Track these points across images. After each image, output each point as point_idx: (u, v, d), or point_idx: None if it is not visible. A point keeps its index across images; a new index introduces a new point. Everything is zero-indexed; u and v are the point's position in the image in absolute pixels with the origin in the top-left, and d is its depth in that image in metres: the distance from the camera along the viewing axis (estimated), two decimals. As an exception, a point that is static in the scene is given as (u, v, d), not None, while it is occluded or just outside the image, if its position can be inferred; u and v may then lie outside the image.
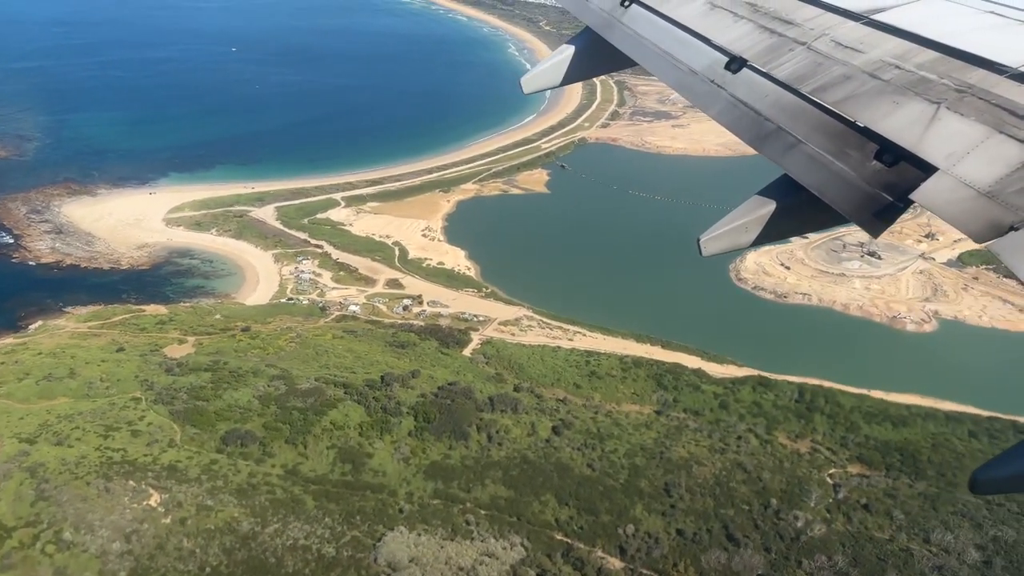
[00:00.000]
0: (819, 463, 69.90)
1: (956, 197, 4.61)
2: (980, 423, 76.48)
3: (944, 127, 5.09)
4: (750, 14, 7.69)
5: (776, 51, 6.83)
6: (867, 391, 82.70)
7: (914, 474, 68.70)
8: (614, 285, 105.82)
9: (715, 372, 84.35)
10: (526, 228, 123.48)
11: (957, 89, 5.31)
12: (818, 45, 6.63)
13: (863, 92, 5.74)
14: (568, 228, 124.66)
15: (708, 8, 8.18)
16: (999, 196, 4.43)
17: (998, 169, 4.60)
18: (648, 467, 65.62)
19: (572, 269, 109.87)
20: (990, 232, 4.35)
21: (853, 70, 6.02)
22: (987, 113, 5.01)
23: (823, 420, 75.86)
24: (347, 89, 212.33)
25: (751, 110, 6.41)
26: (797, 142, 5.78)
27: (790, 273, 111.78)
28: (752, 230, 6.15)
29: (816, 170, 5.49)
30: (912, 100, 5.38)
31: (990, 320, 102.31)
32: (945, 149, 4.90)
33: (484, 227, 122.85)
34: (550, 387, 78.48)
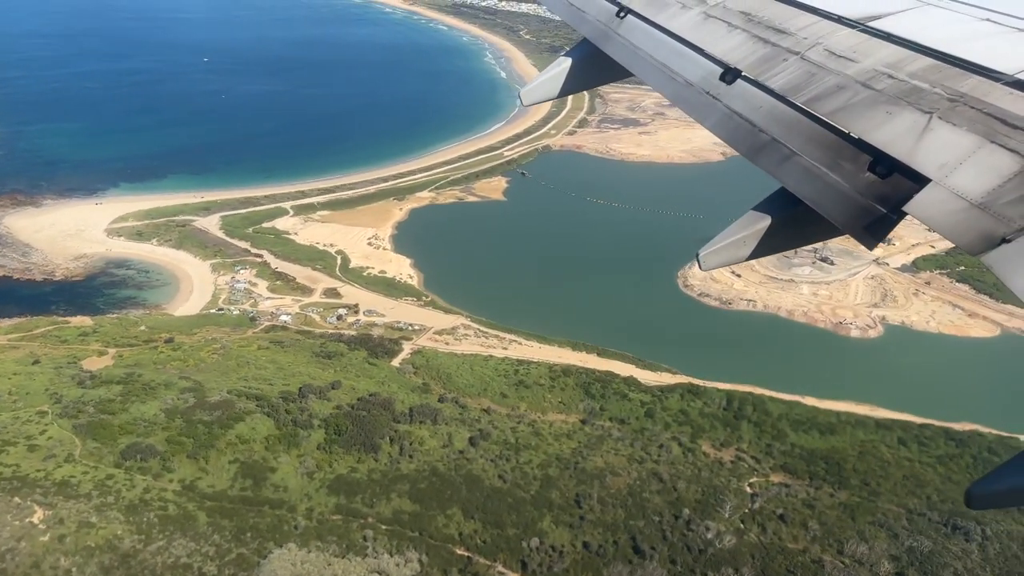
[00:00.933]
0: (741, 472, 68.54)
1: (949, 209, 4.53)
2: (911, 430, 75.26)
3: (936, 137, 5.02)
4: (744, 24, 7.59)
5: (770, 61, 6.74)
6: (801, 398, 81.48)
7: (837, 483, 67.38)
8: (560, 293, 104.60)
9: (648, 380, 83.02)
10: (477, 236, 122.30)
11: (950, 98, 5.25)
12: (811, 55, 6.53)
13: (856, 102, 5.71)
14: (520, 236, 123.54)
15: (703, 18, 8.09)
16: (991, 207, 4.36)
17: (990, 180, 4.52)
18: (561, 478, 64.15)
19: (519, 277, 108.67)
20: (982, 244, 4.27)
21: (846, 80, 5.98)
22: (979, 122, 4.94)
23: (750, 428, 74.55)
24: (316, 98, 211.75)
25: (746, 121, 6.34)
26: (792, 154, 5.72)
27: (738, 280, 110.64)
28: (749, 244, 6.10)
29: (811, 182, 5.43)
30: (905, 110, 5.34)
31: (938, 325, 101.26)
32: (937, 160, 4.83)
33: (434, 235, 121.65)
34: (476, 397, 77.03)
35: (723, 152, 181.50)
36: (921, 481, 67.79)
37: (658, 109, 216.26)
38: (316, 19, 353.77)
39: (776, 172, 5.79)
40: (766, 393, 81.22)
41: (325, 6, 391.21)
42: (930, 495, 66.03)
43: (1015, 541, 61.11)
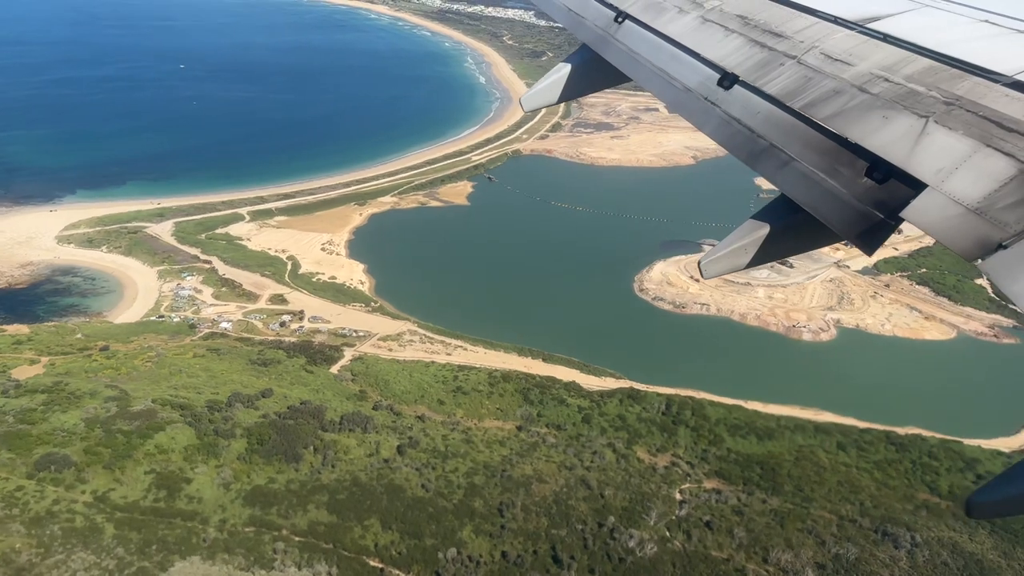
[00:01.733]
0: (673, 478, 67.44)
1: (945, 215, 4.49)
2: (850, 434, 74.28)
3: (932, 142, 4.96)
4: (741, 27, 7.48)
5: (767, 66, 6.67)
6: (744, 403, 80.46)
7: (771, 489, 66.34)
8: (515, 298, 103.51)
9: (591, 385, 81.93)
10: (436, 241, 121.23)
11: (946, 101, 5.20)
12: (808, 59, 6.47)
13: (852, 107, 5.66)
14: (480, 241, 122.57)
15: (700, 22, 7.98)
16: (987, 212, 4.33)
17: (986, 184, 4.47)
18: (487, 486, 62.95)
19: (475, 282, 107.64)
20: (979, 250, 4.23)
21: (843, 84, 5.93)
22: (975, 126, 4.88)
23: (687, 433, 73.51)
24: (290, 104, 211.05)
25: (744, 127, 6.29)
26: (790, 159, 5.68)
27: (695, 283, 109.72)
28: (749, 252, 6.05)
29: (809, 188, 5.40)
30: (901, 114, 5.29)
31: (892, 328, 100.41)
32: (934, 165, 4.77)
33: (392, 241, 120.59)
34: (412, 404, 75.84)
35: (693, 156, 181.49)
36: (856, 487, 66.73)
37: (633, 113, 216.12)
38: (300, 25, 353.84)
39: (775, 178, 5.74)
40: (709, 397, 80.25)
41: (310, 13, 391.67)
42: (864, 501, 64.97)
43: (945, 548, 60.07)
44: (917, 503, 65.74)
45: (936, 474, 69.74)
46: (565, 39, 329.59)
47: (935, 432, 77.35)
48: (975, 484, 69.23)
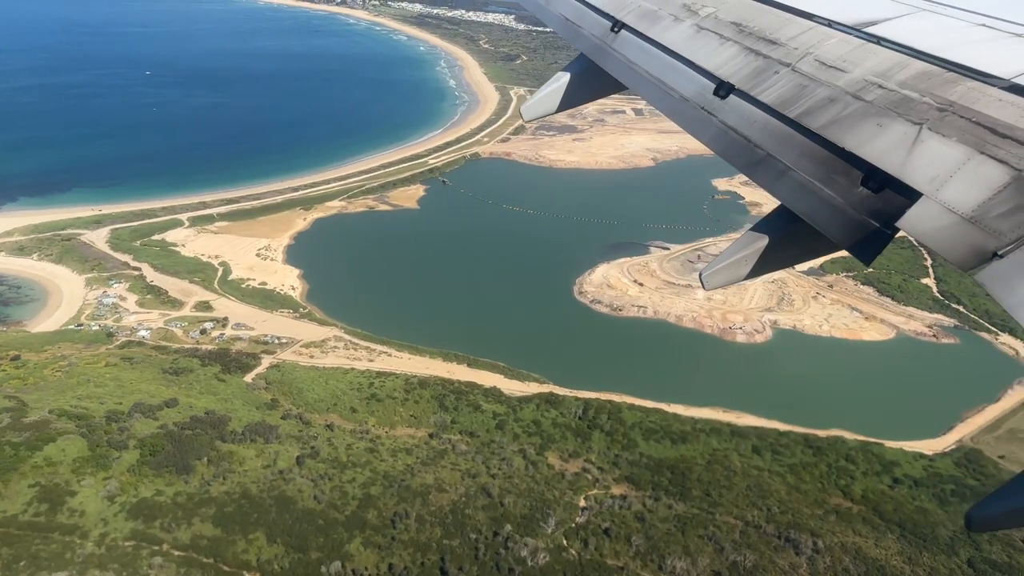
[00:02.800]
0: (581, 484, 66.05)
1: (940, 224, 4.45)
2: (767, 437, 73.09)
3: (926, 150, 4.91)
4: (735, 35, 7.41)
5: (762, 74, 6.65)
6: (667, 406, 79.21)
7: (679, 494, 65.04)
8: (450, 302, 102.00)
9: (513, 390, 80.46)
10: (378, 245, 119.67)
11: (939, 107, 5.15)
12: (802, 66, 6.44)
13: (847, 115, 5.60)
14: (423, 244, 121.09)
15: (695, 31, 7.90)
16: (982, 221, 4.31)
17: (980, 192, 4.45)
18: (382, 497, 61.42)
19: (412, 286, 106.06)
20: (974, 259, 4.21)
21: (837, 92, 5.91)
22: (968, 132, 4.82)
23: (601, 438, 72.19)
24: (253, 110, 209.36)
25: (741, 137, 6.28)
26: (787, 169, 5.66)
27: (635, 286, 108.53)
28: (749, 262, 6.01)
29: (806, 198, 5.38)
30: (895, 122, 5.24)
31: (830, 329, 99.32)
32: (928, 173, 4.74)
33: (333, 245, 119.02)
34: (324, 413, 74.24)
35: (653, 158, 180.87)
36: (765, 491, 65.44)
37: (599, 116, 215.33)
38: (276, 31, 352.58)
39: (772, 188, 5.71)
40: (630, 401, 78.97)
41: (288, 18, 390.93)
42: (771, 506, 63.70)
43: (848, 554, 58.83)
44: (828, 508, 64.50)
45: (851, 478, 68.54)
46: (541, 42, 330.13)
47: (859, 434, 76.23)
48: (890, 488, 68.19)
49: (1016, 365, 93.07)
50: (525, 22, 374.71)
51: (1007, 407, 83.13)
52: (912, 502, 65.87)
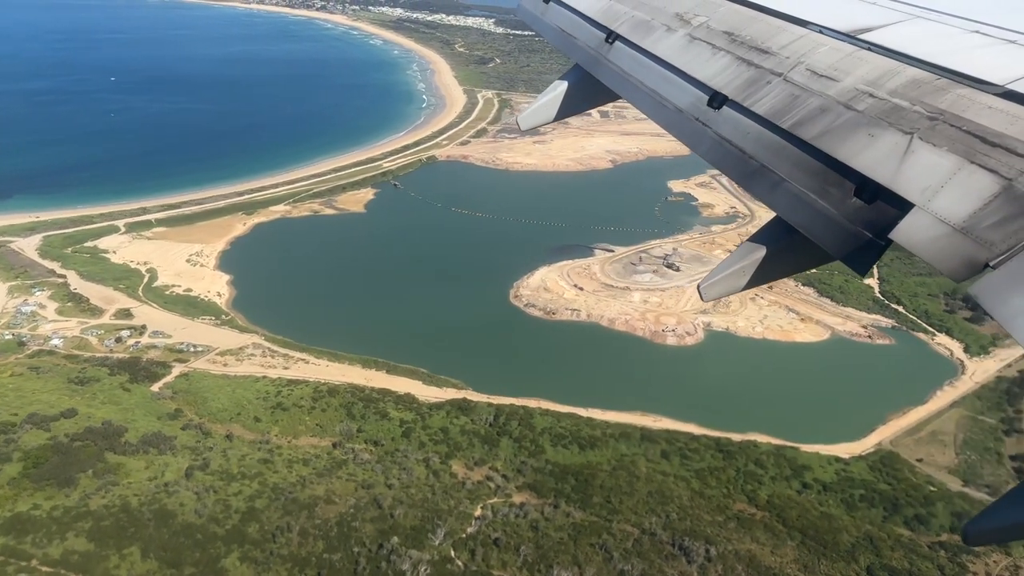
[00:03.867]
0: (481, 493, 64.50)
1: (932, 235, 4.47)
2: (677, 442, 71.75)
3: (917, 160, 4.90)
4: (727, 45, 7.35)
5: (754, 84, 6.60)
6: (584, 410, 77.77)
7: (580, 501, 63.57)
8: (383, 307, 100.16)
9: (428, 396, 78.86)
10: (317, 250, 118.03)
11: (929, 116, 5.14)
12: (794, 76, 6.39)
13: (839, 126, 5.59)
14: (363, 249, 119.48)
15: (688, 41, 7.83)
16: (973, 231, 4.30)
17: (971, 203, 4.44)
18: (267, 510, 59.73)
19: (345, 291, 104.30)
20: (967, 270, 4.21)
21: (829, 101, 5.87)
22: (959, 141, 4.81)
23: (509, 444, 70.68)
24: (220, 114, 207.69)
25: (736, 148, 6.24)
26: (781, 180, 5.67)
27: (572, 289, 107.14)
28: (747, 273, 6.06)
29: (801, 209, 5.39)
30: (886, 132, 5.24)
31: (764, 331, 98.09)
32: (919, 184, 4.76)
33: (270, 250, 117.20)
34: (226, 423, 72.44)
35: (612, 160, 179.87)
36: (666, 497, 64.03)
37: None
38: (252, 36, 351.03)
39: (768, 199, 5.73)
40: (548, 406, 77.54)
41: (266, 24, 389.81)
42: (671, 512, 62.29)
43: (742, 561, 57.45)
44: (730, 514, 63.13)
45: (759, 483, 67.19)
46: (516, 46, 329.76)
47: (778, 438, 75.01)
48: (798, 493, 66.87)
49: (950, 366, 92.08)
50: (504, 26, 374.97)
51: (933, 409, 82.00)
52: (818, 508, 64.53)
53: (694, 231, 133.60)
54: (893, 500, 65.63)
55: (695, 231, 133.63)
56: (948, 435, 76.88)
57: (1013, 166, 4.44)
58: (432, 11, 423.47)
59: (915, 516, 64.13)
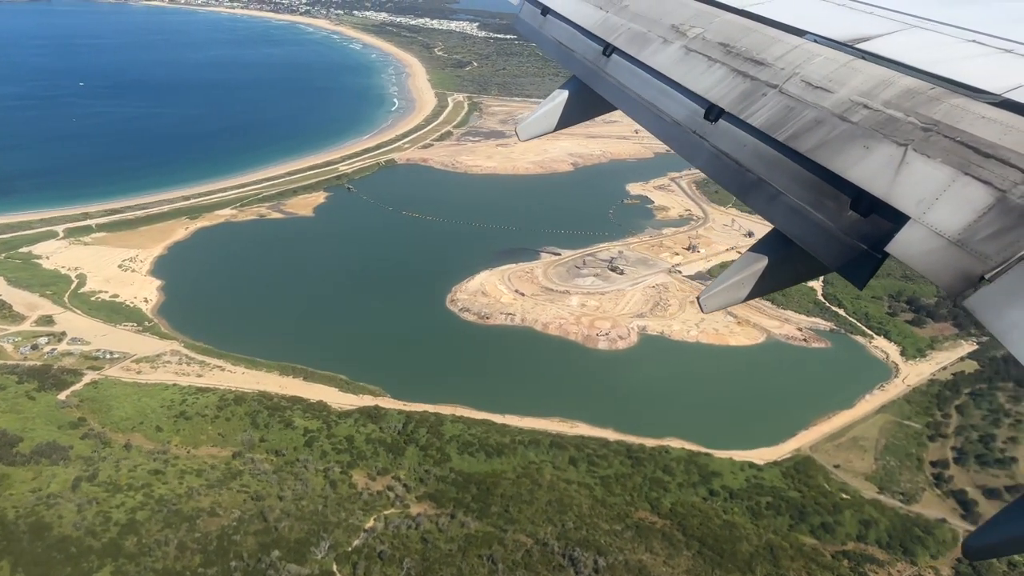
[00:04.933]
0: (378, 504, 62.92)
1: (928, 248, 4.47)
2: (586, 448, 70.30)
3: (912, 172, 4.89)
4: (723, 57, 7.32)
5: (750, 97, 6.59)
6: (500, 416, 76.29)
7: (479, 511, 62.05)
8: (313, 312, 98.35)
9: (343, 403, 77.29)
10: (255, 255, 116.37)
11: (924, 127, 5.13)
12: (789, 87, 6.38)
13: (834, 138, 5.57)
14: (304, 253, 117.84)
15: (683, 53, 7.77)
16: (968, 244, 4.30)
17: (966, 215, 4.45)
18: (148, 522, 58.09)
19: (277, 297, 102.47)
20: (962, 283, 4.19)
21: (824, 113, 5.87)
22: (953, 153, 4.79)
23: (415, 453, 69.11)
24: (186, 119, 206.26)
25: (733, 161, 6.24)
26: (778, 193, 5.69)
27: (511, 293, 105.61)
28: (747, 285, 6.07)
29: (798, 221, 5.42)
30: (880, 143, 5.24)
31: (698, 334, 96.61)
32: (914, 196, 4.76)
33: (207, 255, 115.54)
34: (128, 432, 70.74)
35: (573, 163, 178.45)
36: (566, 506, 62.48)
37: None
38: (232, 41, 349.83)
39: (765, 212, 5.73)
40: (464, 412, 76.08)
41: (248, 28, 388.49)
42: (568, 522, 60.72)
43: (631, 572, 55.91)
44: (630, 522, 61.62)
45: (665, 490, 65.71)
46: (495, 49, 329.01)
47: (694, 443, 73.61)
48: (704, 501, 65.37)
49: (884, 369, 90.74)
50: (487, 29, 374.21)
51: (859, 414, 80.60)
52: (722, 516, 63.02)
53: (645, 234, 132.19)
54: (800, 508, 64.14)
55: (646, 234, 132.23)
56: (870, 440, 75.47)
57: (1007, 177, 4.40)
58: (417, 15, 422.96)
59: (822, 524, 62.66)
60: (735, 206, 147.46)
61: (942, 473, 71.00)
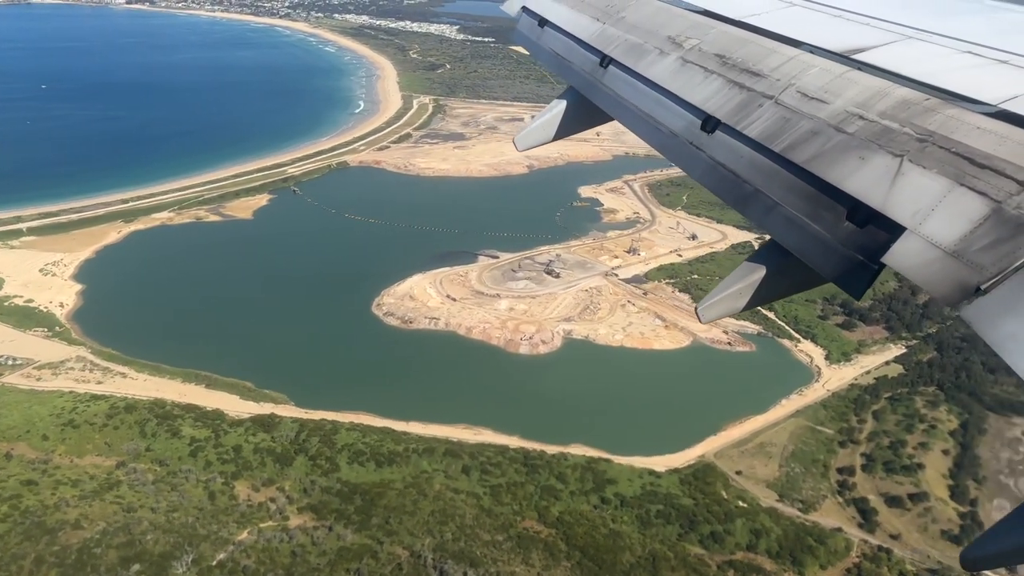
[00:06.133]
0: (256, 516, 61.17)
1: (924, 259, 4.50)
2: (481, 456, 68.71)
3: (908, 183, 4.91)
4: (719, 67, 7.31)
5: (746, 108, 6.55)
6: (404, 424, 74.64)
7: (360, 523, 60.38)
8: (232, 317, 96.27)
9: (240, 411, 75.42)
10: (186, 259, 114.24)
11: (919, 138, 5.12)
12: (785, 98, 6.35)
13: (829, 148, 5.57)
14: (235, 258, 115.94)
15: (680, 64, 7.74)
16: (964, 255, 4.33)
17: (961, 226, 4.47)
18: (9, 535, 56.32)
19: (199, 302, 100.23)
20: (958, 294, 4.21)
21: (820, 124, 5.86)
22: (948, 163, 4.82)
23: (304, 463, 67.38)
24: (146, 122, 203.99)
25: (730, 172, 6.27)
26: (775, 204, 5.73)
27: (439, 297, 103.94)
28: (745, 295, 6.08)
29: (795, 233, 5.49)
30: (876, 154, 5.23)
31: (623, 338, 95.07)
32: (910, 207, 4.79)
33: (136, 259, 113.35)
34: (13, 440, 68.79)
35: (528, 166, 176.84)
36: (449, 516, 60.83)
37: (494, 124, 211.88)
38: (207, 43, 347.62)
39: (763, 223, 5.76)
40: (364, 420, 74.37)
41: (225, 31, 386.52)
42: (447, 533, 59.02)
43: (504, 584, 54.24)
44: (513, 532, 60.00)
45: (556, 498, 64.13)
46: (470, 52, 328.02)
47: (599, 449, 72.19)
48: (594, 509, 63.78)
49: (807, 373, 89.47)
50: (467, 32, 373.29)
51: (772, 419, 79.23)
52: (609, 525, 61.48)
53: (588, 236, 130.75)
54: (691, 516, 62.61)
55: (589, 236, 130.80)
56: (778, 447, 74.08)
57: (1002, 188, 4.42)
58: (399, 18, 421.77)
59: (711, 533, 61.16)
60: (683, 208, 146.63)
61: (847, 480, 69.63)
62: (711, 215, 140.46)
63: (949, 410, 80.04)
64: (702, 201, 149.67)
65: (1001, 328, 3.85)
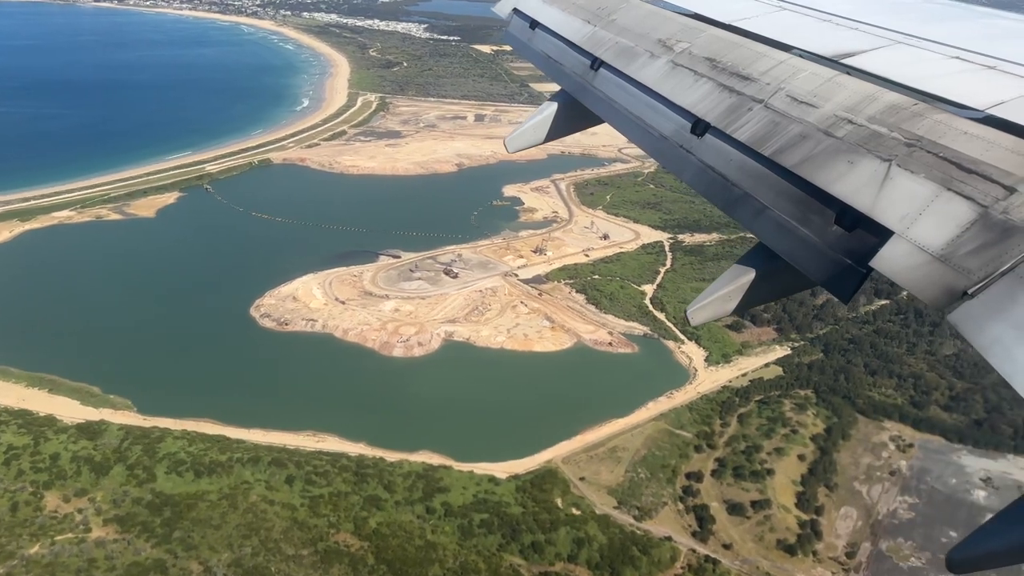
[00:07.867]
0: (56, 528, 58.59)
1: (912, 263, 4.48)
2: (307, 465, 66.17)
3: (896, 187, 4.91)
4: (709, 71, 7.27)
5: (736, 111, 6.54)
6: (246, 431, 71.98)
7: (163, 536, 57.66)
8: (105, 319, 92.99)
9: (76, 418, 72.31)
10: (74, 259, 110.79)
11: (907, 143, 5.09)
12: (774, 102, 6.36)
13: (818, 153, 5.56)
14: (126, 257, 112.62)
15: (670, 68, 7.74)
16: (951, 259, 4.32)
17: (948, 230, 4.45)
18: None
19: (77, 303, 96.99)
20: (946, 298, 4.22)
21: (809, 128, 5.84)
22: (936, 168, 4.82)
23: (121, 472, 64.66)
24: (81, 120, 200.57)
25: (719, 175, 6.26)
26: (764, 208, 5.74)
27: (324, 298, 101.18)
28: (734, 298, 6.04)
29: (784, 236, 5.46)
30: (864, 159, 5.21)
31: (505, 340, 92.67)
32: (898, 211, 4.76)
33: (20, 260, 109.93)
34: None
35: (458, 164, 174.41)
36: (253, 529, 58.22)
37: (434, 121, 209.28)
38: (166, 42, 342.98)
39: (752, 226, 5.77)
40: (202, 427, 71.56)
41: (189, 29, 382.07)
42: (249, 547, 56.47)
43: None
44: (321, 546, 57.49)
45: (379, 509, 61.72)
46: (429, 50, 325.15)
47: (446, 455, 70.04)
48: (418, 519, 61.31)
49: (684, 375, 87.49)
50: (434, 31, 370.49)
51: (633, 422, 77.09)
52: (425, 536, 59.06)
53: (500, 236, 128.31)
54: (515, 526, 60.32)
55: (500, 236, 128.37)
56: (629, 451, 71.97)
57: (989, 193, 4.42)
58: (368, 16, 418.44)
59: (532, 543, 58.92)
60: (604, 208, 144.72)
61: (692, 486, 67.59)
62: (629, 215, 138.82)
63: (817, 413, 78.32)
64: (625, 201, 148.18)
65: (987, 332, 3.84)
